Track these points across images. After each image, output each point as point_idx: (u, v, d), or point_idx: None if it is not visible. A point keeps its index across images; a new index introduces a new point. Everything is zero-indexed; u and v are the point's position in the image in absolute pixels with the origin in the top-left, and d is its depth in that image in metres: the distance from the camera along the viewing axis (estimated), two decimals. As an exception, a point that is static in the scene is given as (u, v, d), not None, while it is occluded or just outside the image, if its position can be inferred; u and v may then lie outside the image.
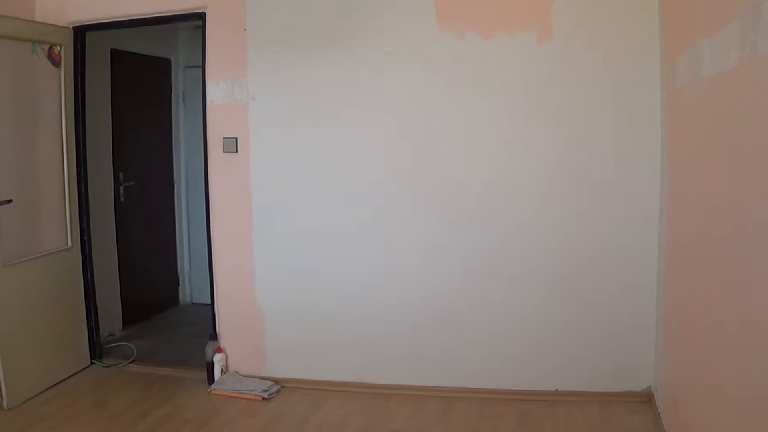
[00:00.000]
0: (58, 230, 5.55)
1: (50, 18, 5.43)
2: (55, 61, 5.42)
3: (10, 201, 4.85)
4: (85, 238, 5.73)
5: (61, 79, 5.46)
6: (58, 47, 5.41)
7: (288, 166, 5.15)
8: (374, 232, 5.04)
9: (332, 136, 5.06)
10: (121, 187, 6.75)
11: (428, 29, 4.77)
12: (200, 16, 5.23)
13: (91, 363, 5.72)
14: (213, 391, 5.12)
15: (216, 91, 5.22)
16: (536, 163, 4.71)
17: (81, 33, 5.59)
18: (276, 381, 5.20)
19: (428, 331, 4.99)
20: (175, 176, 7.66)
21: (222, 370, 5.27)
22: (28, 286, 5.08)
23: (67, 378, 5.42)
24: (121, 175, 6.73)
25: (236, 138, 5.20)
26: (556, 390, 4.80)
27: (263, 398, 4.97)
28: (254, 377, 5.25)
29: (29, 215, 5.34)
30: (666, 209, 4.26)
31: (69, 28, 5.50)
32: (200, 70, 5.31)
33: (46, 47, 5.33)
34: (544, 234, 4.74)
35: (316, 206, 5.12)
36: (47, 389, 5.18)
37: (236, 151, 5.21)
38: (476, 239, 4.86)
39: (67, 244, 5.55)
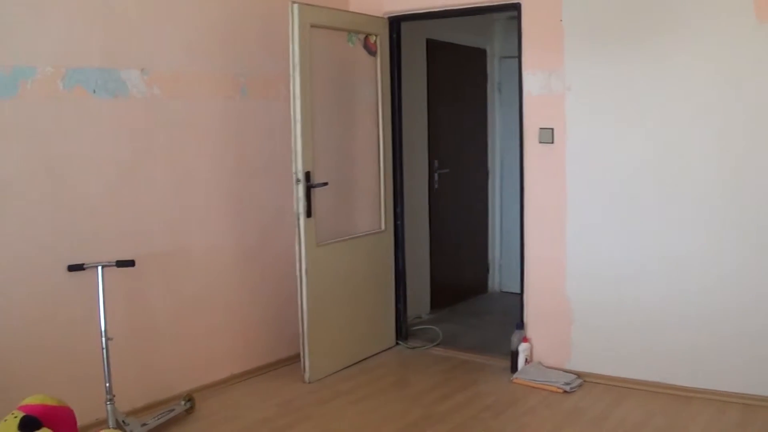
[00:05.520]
0: (372, 214, 5.78)
1: (364, 8, 5.66)
2: (371, 51, 5.64)
3: (325, 184, 5.10)
4: (399, 222, 5.91)
5: (377, 68, 5.66)
6: (374, 37, 5.62)
7: (603, 159, 4.99)
8: (694, 231, 4.71)
9: (645, 134, 4.84)
10: (436, 174, 6.89)
11: (745, 22, 4.41)
12: (515, 7, 5.19)
13: (396, 344, 5.89)
14: (515, 380, 5.06)
15: (532, 82, 5.18)
16: None
17: (396, 23, 5.78)
18: (579, 375, 5.03)
19: (738, 336, 4.59)
20: (489, 165, 7.68)
21: (526, 359, 5.19)
22: (339, 265, 5.30)
23: (370, 357, 5.62)
24: (435, 162, 6.88)
25: (552, 129, 5.12)
26: None
27: (564, 391, 4.83)
28: (558, 369, 5.12)
29: (344, 198, 5.63)
30: None
31: (384, 18, 5.70)
32: (516, 60, 5.31)
33: (362, 37, 5.56)
34: None
35: (630, 202, 4.91)
36: (349, 366, 5.40)
37: (552, 142, 5.13)
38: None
39: (380, 227, 5.75)
